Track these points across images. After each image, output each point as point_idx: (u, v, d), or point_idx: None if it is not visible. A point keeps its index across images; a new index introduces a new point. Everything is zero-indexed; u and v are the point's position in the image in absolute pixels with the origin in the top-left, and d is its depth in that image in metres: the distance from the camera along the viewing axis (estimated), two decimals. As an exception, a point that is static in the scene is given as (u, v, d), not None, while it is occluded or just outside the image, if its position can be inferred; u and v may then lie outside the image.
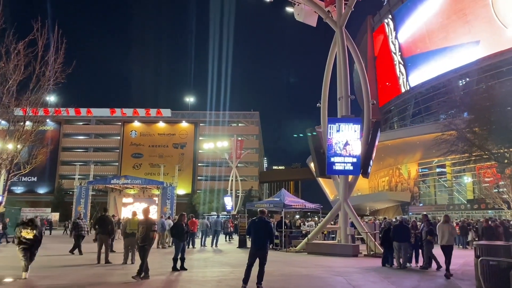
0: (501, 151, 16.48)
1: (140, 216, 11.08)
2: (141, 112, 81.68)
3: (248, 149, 66.34)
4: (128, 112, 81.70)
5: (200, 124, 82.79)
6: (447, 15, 52.63)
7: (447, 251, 11.48)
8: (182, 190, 71.03)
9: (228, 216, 36.53)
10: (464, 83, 51.09)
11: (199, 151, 77.91)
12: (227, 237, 28.78)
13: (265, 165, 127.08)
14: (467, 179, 48.11)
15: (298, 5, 20.24)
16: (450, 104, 26.92)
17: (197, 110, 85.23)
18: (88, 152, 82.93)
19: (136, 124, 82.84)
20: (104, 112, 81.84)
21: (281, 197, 21.96)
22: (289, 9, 21.10)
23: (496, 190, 31.53)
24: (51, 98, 33.63)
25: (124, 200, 45.69)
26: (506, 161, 16.44)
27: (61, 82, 20.08)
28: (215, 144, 55.04)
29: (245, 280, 8.36)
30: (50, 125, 74.71)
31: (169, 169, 66.29)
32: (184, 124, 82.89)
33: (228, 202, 46.63)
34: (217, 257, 16.80)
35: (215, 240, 22.34)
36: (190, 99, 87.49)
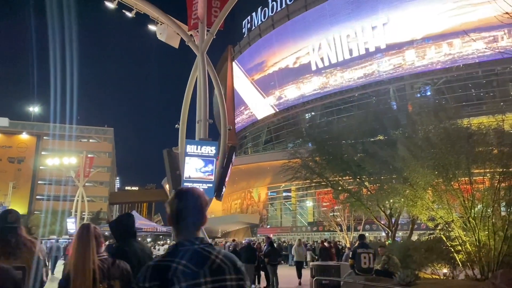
0: (336, 179, 18.51)
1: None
2: (-30, 119, 70.15)
3: (99, 167, 62.14)
4: (-48, 117, 69.42)
5: (44, 137, 74.72)
6: (297, 54, 58.14)
7: (299, 265, 17.43)
8: (16, 210, 62.55)
9: (70, 240, 33.37)
10: (310, 116, 56.89)
11: (41, 167, 69.99)
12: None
13: (117, 185, 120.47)
14: (309, 203, 52.82)
15: (161, 24, 20.11)
16: (297, 134, 29.68)
17: (41, 122, 76.90)
18: None
19: (-38, 132, 70.93)
20: None
21: (132, 220, 21.00)
22: (151, 27, 20.81)
23: (332, 214, 35.19)
24: None
25: None
26: (340, 188, 18.51)
27: None
28: (60, 160, 50.17)
29: None
30: None
31: (1, 186, 57.94)
32: (24, 136, 73.86)
33: (72, 224, 42.68)
34: (54, 286, 15.11)
35: (51, 267, 20.15)
36: (33, 109, 78.57)
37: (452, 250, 11.50)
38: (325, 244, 22.09)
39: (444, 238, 11.95)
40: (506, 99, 41.67)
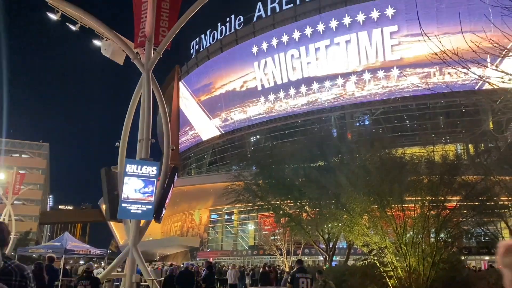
0: (278, 202, 18.73)
1: None
2: None
3: (30, 184, 58.44)
4: None
5: (-30, 150, 69.32)
6: (244, 78, 58.95)
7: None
8: None
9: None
10: (255, 139, 57.46)
11: (-36, 182, 64.60)
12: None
13: (50, 203, 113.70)
14: (251, 227, 52.74)
15: (106, 40, 19.63)
16: (241, 157, 29.84)
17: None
18: None
19: None
20: None
21: (63, 242, 19.89)
22: (96, 42, 20.25)
23: (273, 238, 35.30)
24: None
25: None
26: (281, 212, 18.71)
27: None
28: (-13, 176, 46.60)
29: None
30: None
31: None
32: None
33: (-5, 245, 39.44)
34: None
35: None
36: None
37: (385, 275, 11.90)
38: (266, 268, 22.03)
39: (378, 264, 12.35)
40: (436, 131, 44.69)
